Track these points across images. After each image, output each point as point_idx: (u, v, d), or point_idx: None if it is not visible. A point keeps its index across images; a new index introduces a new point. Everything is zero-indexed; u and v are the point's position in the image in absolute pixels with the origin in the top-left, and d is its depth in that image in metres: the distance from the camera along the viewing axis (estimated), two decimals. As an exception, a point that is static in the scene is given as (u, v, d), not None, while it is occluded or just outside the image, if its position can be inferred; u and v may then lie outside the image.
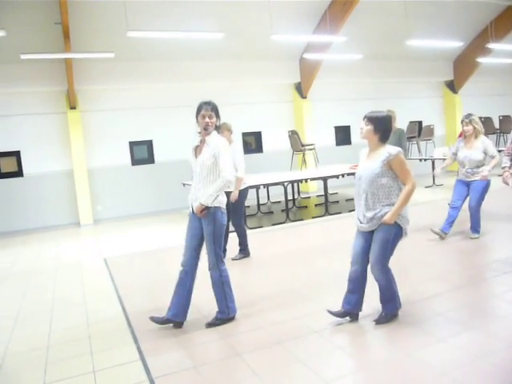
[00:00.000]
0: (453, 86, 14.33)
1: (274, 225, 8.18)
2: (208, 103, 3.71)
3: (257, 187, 8.54)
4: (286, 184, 8.48)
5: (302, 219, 8.57)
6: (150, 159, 10.83)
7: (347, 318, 3.63)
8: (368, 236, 3.50)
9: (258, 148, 12.21)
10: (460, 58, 13.78)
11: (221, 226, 3.71)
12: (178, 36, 8.49)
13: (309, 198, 11.39)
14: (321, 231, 7.65)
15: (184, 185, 9.85)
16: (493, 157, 5.61)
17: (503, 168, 4.69)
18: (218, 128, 3.80)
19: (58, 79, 9.52)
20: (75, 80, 9.25)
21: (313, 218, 8.64)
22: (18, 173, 9.73)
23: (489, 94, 14.80)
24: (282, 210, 9.56)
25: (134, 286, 5.15)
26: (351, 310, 3.60)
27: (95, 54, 8.34)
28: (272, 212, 9.64)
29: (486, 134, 14.00)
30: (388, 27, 11.04)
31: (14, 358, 3.53)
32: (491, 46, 11.66)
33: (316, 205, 10.21)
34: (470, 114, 5.77)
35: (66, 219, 10.01)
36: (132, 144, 10.60)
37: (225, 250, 5.94)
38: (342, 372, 2.92)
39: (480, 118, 6.00)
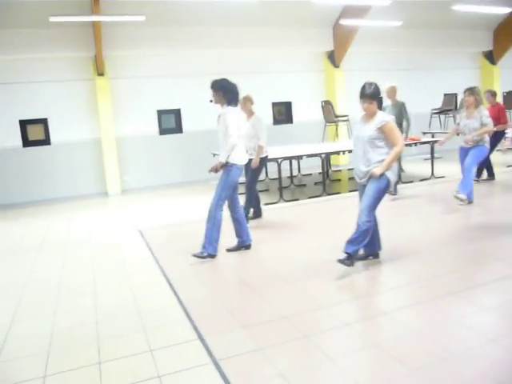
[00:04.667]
0: (492, 57, 13.61)
1: (310, 198, 7.90)
2: (211, 83, 4.65)
3: (290, 159, 8.26)
4: (323, 156, 8.14)
5: (338, 193, 8.26)
6: (178, 129, 10.54)
7: (370, 257, 4.31)
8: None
9: (288, 119, 11.81)
10: (501, 27, 13.00)
11: (233, 179, 4.61)
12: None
13: (339, 171, 11.03)
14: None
15: (214, 155, 9.61)
16: (485, 124, 6.06)
17: None
18: (231, 101, 4.65)
19: (86, 44, 9.19)
20: (104, 45, 8.91)
21: (350, 191, 8.31)
22: (46, 141, 9.55)
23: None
24: (316, 183, 9.28)
25: (175, 258, 4.94)
26: (371, 251, 4.28)
27: (125, 16, 7.98)
28: (305, 185, 9.34)
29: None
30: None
31: (63, 333, 3.35)
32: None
33: (350, 178, 9.87)
34: (473, 87, 6.29)
35: (93, 189, 9.86)
36: (160, 113, 10.30)
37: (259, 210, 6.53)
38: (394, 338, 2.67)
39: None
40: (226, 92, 4.59)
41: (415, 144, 9.34)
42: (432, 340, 2.86)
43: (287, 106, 11.77)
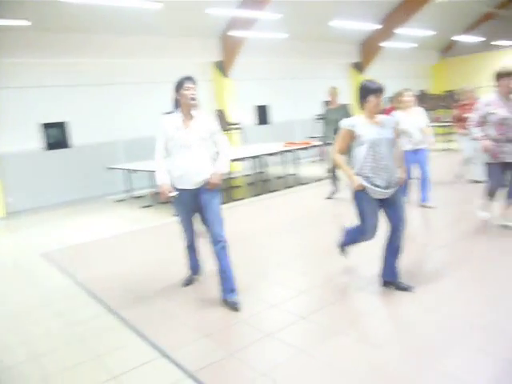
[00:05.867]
0: (360, 68, 15.10)
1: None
2: (190, 78, 3.65)
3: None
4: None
5: (242, 198, 8.42)
6: (66, 143, 9.78)
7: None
8: (379, 203, 3.51)
9: (180, 129, 11.69)
10: (367, 41, 14.51)
11: None
12: (110, 3, 7.55)
13: (235, 177, 11.19)
14: (273, 208, 7.54)
15: (110, 168, 9.15)
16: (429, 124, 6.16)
17: (478, 138, 4.73)
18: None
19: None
20: (-25, 52, 7.93)
21: (254, 196, 8.54)
22: None
23: (392, 75, 15.82)
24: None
25: (99, 278, 4.60)
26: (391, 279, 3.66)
27: (6, 20, 7.18)
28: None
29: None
30: (314, 6, 11.19)
31: (3, 374, 2.94)
32: (397, 30, 12.46)
33: (249, 184, 10.13)
34: (407, 88, 6.20)
35: (-31, 215, 8.66)
36: (45, 126, 9.45)
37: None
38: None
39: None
40: None
41: (307, 148, 9.99)
42: (380, 319, 3.13)
43: (179, 115, 11.66)
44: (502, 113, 4.52)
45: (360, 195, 3.45)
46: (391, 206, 3.47)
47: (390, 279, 3.64)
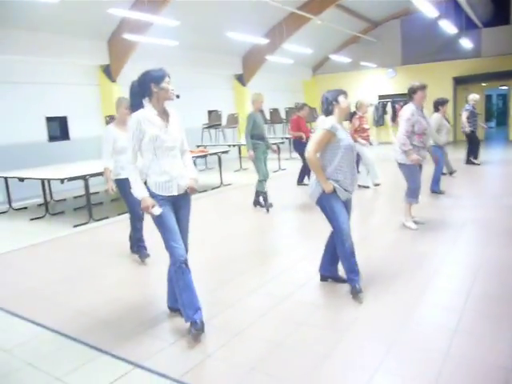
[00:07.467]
0: (242, 80, 15.64)
1: (76, 226, 6.73)
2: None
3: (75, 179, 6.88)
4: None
5: (107, 217, 7.24)
6: None
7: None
8: None
9: (64, 135, 10.86)
10: (250, 54, 15.09)
11: None
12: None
13: (97, 193, 9.40)
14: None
15: None
16: None
17: (408, 151, 5.05)
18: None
19: None
20: None
21: (119, 215, 7.30)
22: None
23: (271, 88, 16.70)
24: (76, 209, 8.18)
25: (14, 297, 4.09)
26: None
27: None
28: (63, 212, 8.05)
29: (274, 123, 15.85)
30: (208, 16, 11.46)
31: None
32: (280, 45, 13.30)
33: (112, 200, 8.72)
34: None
35: None
36: None
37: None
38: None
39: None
40: None
41: (205, 156, 10.10)
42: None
43: (62, 120, 10.82)
44: (424, 123, 5.06)
45: (329, 196, 3.52)
46: (347, 207, 3.68)
47: (330, 274, 3.93)
